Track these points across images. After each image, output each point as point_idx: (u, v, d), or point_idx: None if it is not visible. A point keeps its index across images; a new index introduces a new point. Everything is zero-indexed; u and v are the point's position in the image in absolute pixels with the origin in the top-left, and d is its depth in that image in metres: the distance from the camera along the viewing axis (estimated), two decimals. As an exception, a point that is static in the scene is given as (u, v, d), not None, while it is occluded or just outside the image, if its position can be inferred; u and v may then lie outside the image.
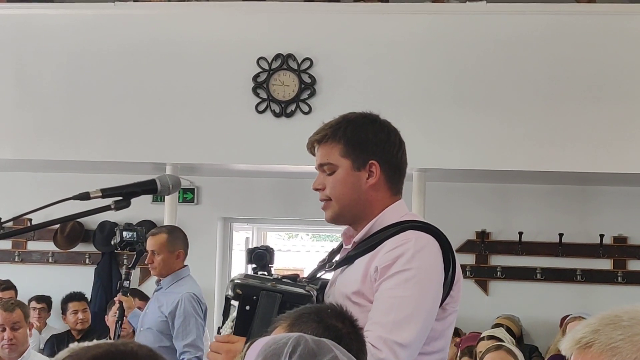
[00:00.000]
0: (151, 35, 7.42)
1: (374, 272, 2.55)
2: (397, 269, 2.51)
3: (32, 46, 7.49)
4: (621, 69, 6.98)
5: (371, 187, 2.68)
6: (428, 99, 7.12)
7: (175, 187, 2.50)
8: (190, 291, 5.71)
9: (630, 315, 1.56)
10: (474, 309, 7.87)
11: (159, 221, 8.36)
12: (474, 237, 8.44)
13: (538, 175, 7.52)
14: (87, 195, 2.32)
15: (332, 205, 2.70)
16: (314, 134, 2.72)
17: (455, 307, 2.65)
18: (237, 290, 2.59)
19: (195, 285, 5.84)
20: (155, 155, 7.39)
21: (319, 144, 2.71)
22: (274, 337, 1.67)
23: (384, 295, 2.51)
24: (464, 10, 7.23)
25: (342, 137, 2.67)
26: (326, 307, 1.94)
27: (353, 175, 2.67)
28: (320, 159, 2.71)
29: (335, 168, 2.68)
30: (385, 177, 2.70)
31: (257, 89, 7.28)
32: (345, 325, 1.88)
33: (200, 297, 5.77)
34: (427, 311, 2.52)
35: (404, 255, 2.52)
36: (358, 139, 2.68)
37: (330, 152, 2.68)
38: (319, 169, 2.72)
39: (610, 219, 8.27)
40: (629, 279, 8.25)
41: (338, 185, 2.68)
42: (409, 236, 2.56)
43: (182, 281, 5.80)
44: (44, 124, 7.43)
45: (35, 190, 8.34)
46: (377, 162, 2.68)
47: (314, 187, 2.73)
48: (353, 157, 2.67)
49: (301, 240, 15.92)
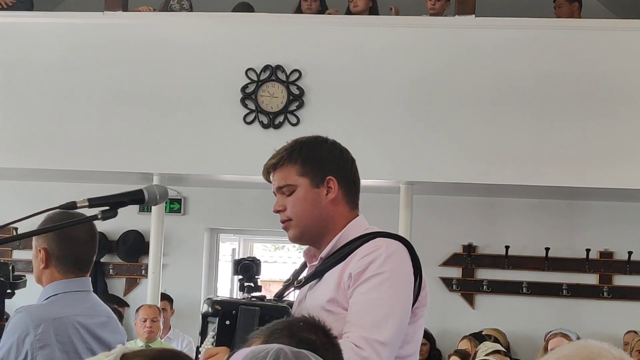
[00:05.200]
0: (139, 45, 7.42)
1: (348, 279, 2.61)
2: (371, 273, 2.58)
3: (20, 55, 7.47)
4: (608, 83, 7.01)
5: (331, 202, 2.75)
6: (415, 111, 7.13)
7: (163, 198, 2.50)
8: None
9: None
10: (460, 322, 7.87)
11: (145, 231, 8.35)
12: (461, 251, 8.45)
13: (525, 190, 7.53)
14: (74, 204, 2.31)
15: (293, 225, 2.76)
16: (269, 160, 2.80)
17: (423, 311, 2.73)
18: (216, 306, 2.63)
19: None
20: (142, 165, 7.38)
21: (274, 169, 2.78)
22: (253, 349, 1.66)
23: (360, 299, 2.57)
24: (453, 23, 7.25)
25: (298, 158, 2.74)
26: (298, 320, 1.93)
27: (312, 192, 2.74)
28: (278, 182, 2.77)
29: (294, 188, 2.74)
30: (343, 191, 2.77)
31: (246, 100, 7.28)
32: (319, 337, 1.87)
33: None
34: (401, 311, 2.59)
35: (377, 260, 2.59)
36: (314, 157, 2.75)
37: (287, 174, 2.75)
38: (277, 192, 2.78)
39: (597, 233, 8.29)
40: (614, 294, 8.27)
41: (299, 204, 2.74)
42: (379, 243, 2.64)
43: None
44: (31, 133, 7.41)
45: (21, 199, 8.30)
46: (334, 177, 2.75)
47: (275, 209, 2.79)
48: (311, 175, 2.74)
49: (287, 252, 15.90)
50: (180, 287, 8.51)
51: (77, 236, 3.02)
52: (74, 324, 2.98)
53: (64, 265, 3.04)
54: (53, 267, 3.05)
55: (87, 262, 3.10)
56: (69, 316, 2.98)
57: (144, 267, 8.58)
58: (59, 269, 3.05)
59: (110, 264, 8.79)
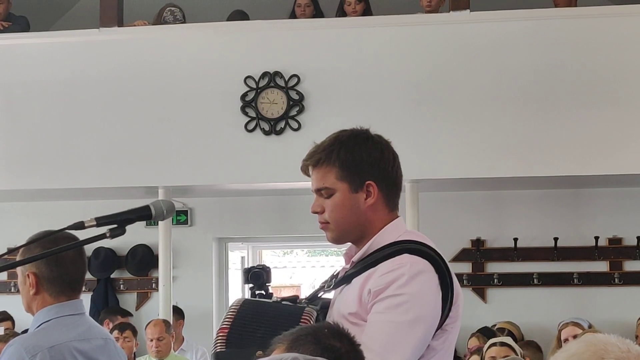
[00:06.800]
0: (137, 59, 7.43)
1: (367, 295, 2.54)
2: (389, 293, 2.50)
3: (19, 76, 7.48)
4: (608, 71, 7.00)
5: (370, 208, 2.67)
6: (417, 109, 7.13)
7: (170, 212, 2.47)
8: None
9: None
10: (473, 317, 7.86)
11: (154, 245, 8.36)
12: (469, 246, 8.44)
13: (530, 181, 7.53)
14: (82, 224, 2.30)
15: (331, 229, 2.70)
16: (308, 157, 2.71)
17: (455, 325, 2.65)
18: None
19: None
20: (147, 179, 7.39)
21: (313, 168, 2.70)
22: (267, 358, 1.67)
23: (375, 319, 2.50)
24: (449, 19, 7.25)
25: (336, 160, 2.65)
26: (323, 326, 1.93)
27: (351, 197, 2.66)
28: (317, 184, 2.69)
29: (333, 192, 2.66)
30: (382, 195, 2.69)
31: (246, 107, 7.28)
32: (343, 344, 1.87)
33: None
34: (418, 337, 2.51)
35: (398, 280, 2.51)
36: (353, 160, 2.65)
37: (325, 176, 2.67)
38: (316, 193, 2.71)
39: (604, 220, 8.28)
40: (625, 280, 8.26)
41: (337, 209, 2.66)
42: (404, 260, 2.55)
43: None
44: (34, 153, 7.42)
45: (29, 219, 8.31)
46: (373, 182, 2.66)
47: (313, 210, 2.71)
48: (349, 180, 2.65)
49: (296, 257, 15.92)
50: (192, 299, 8.50)
51: (64, 255, 2.89)
52: (70, 350, 2.86)
53: (56, 287, 2.91)
54: (44, 292, 2.92)
55: (78, 281, 2.99)
56: (65, 343, 2.86)
57: (154, 281, 8.58)
58: (50, 292, 2.92)
59: (121, 280, 8.80)
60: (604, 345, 1.54)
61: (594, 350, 1.53)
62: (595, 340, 1.55)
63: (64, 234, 2.59)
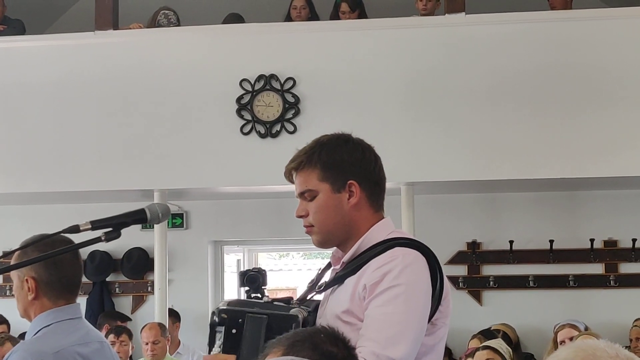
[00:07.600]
0: (133, 62, 7.43)
1: (363, 290, 2.55)
2: (386, 285, 2.52)
3: (15, 79, 7.48)
4: (603, 73, 7.01)
5: (353, 207, 2.68)
6: (412, 112, 7.14)
7: (165, 216, 2.48)
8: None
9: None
10: (469, 320, 7.87)
11: (149, 248, 8.36)
12: (465, 248, 8.45)
13: (525, 183, 7.54)
14: (77, 228, 2.31)
15: (315, 231, 2.71)
16: (290, 162, 2.73)
17: (445, 321, 2.66)
18: (223, 315, 2.59)
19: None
20: (142, 182, 7.39)
21: (296, 172, 2.72)
22: None
23: (374, 312, 2.52)
24: (444, 22, 7.26)
25: (317, 162, 2.68)
26: (319, 331, 1.93)
27: (334, 198, 2.68)
28: (300, 187, 2.71)
29: (316, 193, 2.68)
30: (365, 195, 2.70)
31: (242, 110, 7.29)
32: (340, 350, 1.87)
33: None
34: (417, 326, 2.53)
35: (392, 271, 2.53)
36: (333, 161, 2.68)
37: (308, 179, 2.69)
38: (299, 197, 2.73)
39: (600, 223, 8.30)
40: (621, 282, 8.27)
41: (320, 210, 2.68)
42: (396, 253, 2.57)
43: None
44: (30, 157, 7.41)
45: (25, 223, 8.28)
46: (355, 181, 2.68)
47: (297, 214, 2.73)
48: (331, 180, 2.67)
49: (292, 259, 15.93)
50: (187, 302, 8.50)
51: (62, 258, 2.87)
52: (73, 355, 2.85)
53: (54, 291, 2.89)
54: (43, 296, 2.89)
55: (76, 285, 2.97)
56: (67, 347, 2.85)
57: (149, 284, 8.58)
58: (49, 296, 2.89)
59: (116, 283, 8.79)
60: (592, 350, 1.55)
61: (583, 356, 1.54)
62: (584, 346, 1.57)
63: (59, 237, 2.57)
